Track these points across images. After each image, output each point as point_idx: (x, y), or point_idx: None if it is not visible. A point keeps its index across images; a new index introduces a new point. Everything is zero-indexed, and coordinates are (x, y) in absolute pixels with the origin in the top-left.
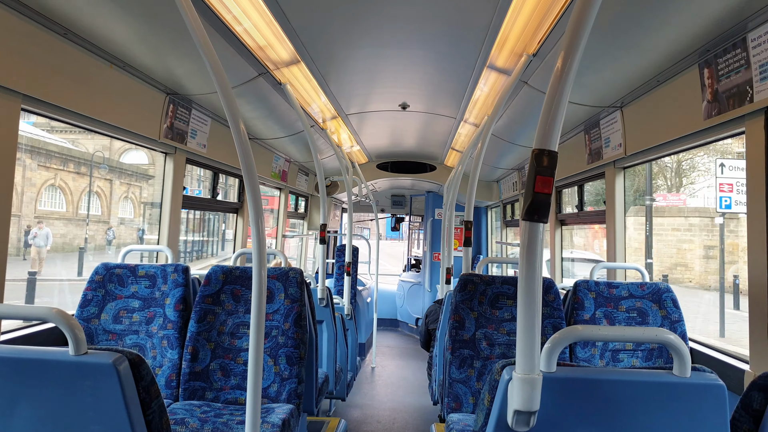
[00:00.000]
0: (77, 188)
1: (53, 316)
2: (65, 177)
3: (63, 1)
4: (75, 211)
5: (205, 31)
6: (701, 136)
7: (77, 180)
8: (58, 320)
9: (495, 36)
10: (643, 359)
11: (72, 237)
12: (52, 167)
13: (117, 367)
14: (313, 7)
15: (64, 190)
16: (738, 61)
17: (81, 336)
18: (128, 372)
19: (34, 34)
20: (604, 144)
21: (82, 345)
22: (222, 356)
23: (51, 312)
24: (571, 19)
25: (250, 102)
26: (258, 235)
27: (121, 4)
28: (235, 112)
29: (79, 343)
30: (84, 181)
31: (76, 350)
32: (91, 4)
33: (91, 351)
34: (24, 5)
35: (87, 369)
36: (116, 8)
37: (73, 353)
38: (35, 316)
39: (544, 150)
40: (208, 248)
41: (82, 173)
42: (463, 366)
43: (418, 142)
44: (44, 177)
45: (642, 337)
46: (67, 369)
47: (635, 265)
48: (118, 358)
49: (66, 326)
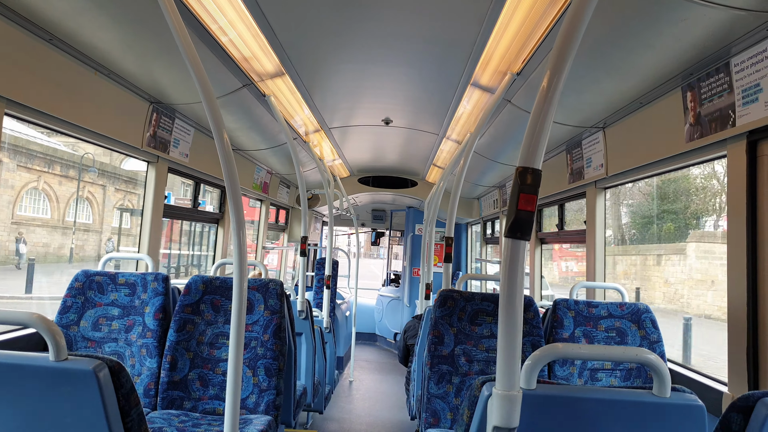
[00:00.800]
0: (64, 193)
1: (34, 322)
2: (50, 180)
3: (49, 7)
4: (61, 218)
5: (191, 41)
6: (683, 158)
7: (64, 184)
8: (38, 326)
9: (479, 54)
10: (621, 379)
11: (58, 246)
12: (35, 169)
13: (97, 373)
14: (299, 21)
15: (48, 195)
16: (721, 86)
17: (62, 342)
18: (108, 379)
19: (19, 39)
20: (585, 164)
21: (63, 351)
22: (201, 366)
23: (32, 317)
24: (558, 39)
25: (233, 113)
26: (239, 246)
27: (108, 11)
28: (219, 122)
29: (60, 349)
30: (72, 186)
31: (56, 356)
32: (77, 11)
33: (72, 357)
34: (10, 10)
35: (67, 375)
36: (102, 16)
37: (53, 359)
38: (16, 321)
39: (528, 168)
40: (208, 262)
41: (70, 177)
42: (441, 381)
43: (400, 158)
44: (25, 179)
45: (623, 357)
46: (46, 375)
47: (614, 285)
48: (98, 365)
49: (47, 332)
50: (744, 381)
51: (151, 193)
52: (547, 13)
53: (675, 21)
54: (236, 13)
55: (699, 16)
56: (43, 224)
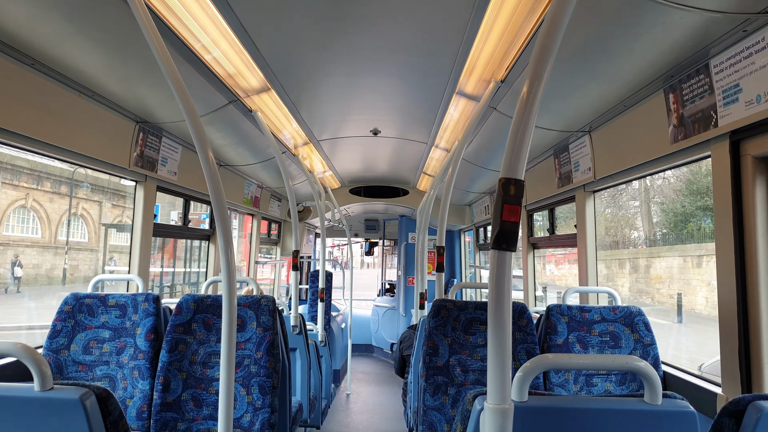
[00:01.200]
0: (55, 211)
1: (17, 351)
2: (39, 197)
3: (31, 33)
4: (53, 238)
5: (173, 61)
6: (669, 159)
7: (56, 201)
8: (22, 355)
9: (463, 63)
10: (617, 383)
11: (50, 267)
12: (22, 186)
13: (84, 402)
14: (282, 37)
15: (38, 213)
16: (702, 87)
17: (47, 371)
18: (95, 407)
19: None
20: (573, 168)
21: (48, 380)
22: (194, 386)
23: (15, 347)
24: (535, 47)
25: (220, 129)
26: (227, 264)
27: (90, 35)
28: (203, 140)
29: (45, 379)
30: (64, 203)
31: (41, 386)
32: (59, 36)
33: (57, 386)
34: None
35: (53, 405)
36: (84, 40)
37: (38, 389)
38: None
39: (511, 179)
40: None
41: (62, 193)
42: (437, 393)
43: (391, 167)
44: (11, 197)
45: (612, 365)
46: (32, 405)
47: (606, 289)
48: (85, 393)
49: (31, 361)
50: (737, 382)
51: (140, 213)
52: (527, 20)
53: (653, 24)
54: (219, 31)
55: (676, 20)
56: (33, 244)
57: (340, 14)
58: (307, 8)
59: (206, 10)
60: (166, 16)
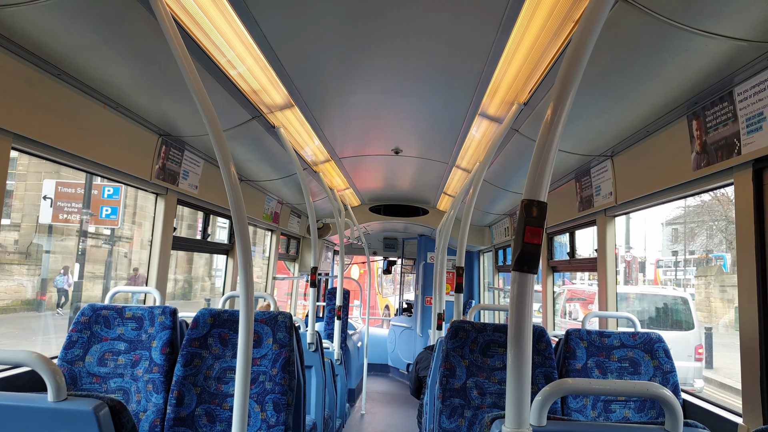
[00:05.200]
0: None
1: (33, 361)
2: None
3: (59, 44)
4: None
5: (199, 76)
6: (691, 186)
7: None
8: (38, 365)
9: (486, 85)
10: (635, 410)
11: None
12: None
13: (97, 414)
14: (307, 54)
15: None
16: (725, 114)
17: (61, 382)
18: (108, 419)
19: (27, 74)
20: (594, 192)
21: (62, 391)
22: (208, 401)
23: (31, 357)
24: (561, 71)
25: (243, 144)
26: (246, 279)
27: (116, 47)
28: (226, 155)
29: (59, 390)
30: None
31: (55, 396)
32: (87, 48)
33: (71, 397)
34: (18, 46)
35: (66, 416)
36: (111, 52)
37: (52, 399)
38: (15, 361)
39: (533, 201)
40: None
41: None
42: (453, 415)
43: (411, 187)
44: None
45: (633, 392)
46: (45, 416)
47: (626, 314)
48: (99, 405)
49: (46, 371)
50: (759, 412)
51: (160, 226)
52: (552, 43)
53: (678, 51)
54: (244, 46)
55: (701, 47)
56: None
57: (364, 33)
58: (332, 26)
59: (233, 25)
60: (192, 30)
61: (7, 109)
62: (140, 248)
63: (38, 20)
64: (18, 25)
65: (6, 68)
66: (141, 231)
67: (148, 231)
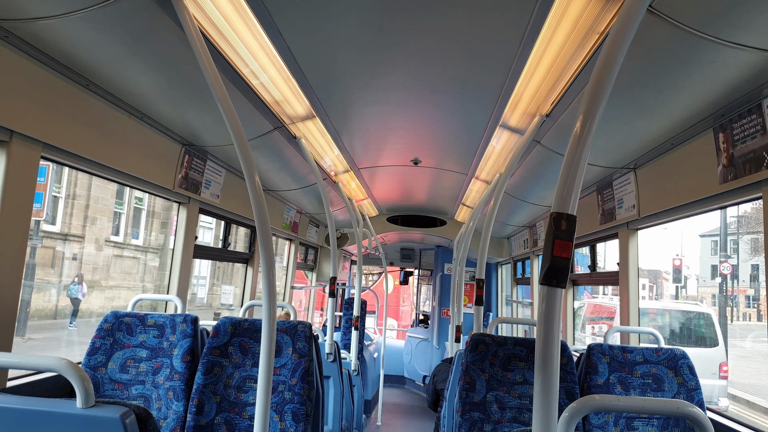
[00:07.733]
0: None
1: (63, 368)
2: None
3: (87, 55)
4: None
5: (224, 86)
6: (717, 200)
7: None
8: (68, 372)
9: (508, 97)
10: (658, 428)
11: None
12: None
13: (124, 421)
14: (329, 65)
15: None
16: (753, 127)
17: (90, 389)
18: (135, 427)
19: (56, 84)
20: (617, 205)
21: (91, 398)
22: (228, 410)
23: (61, 363)
24: (589, 84)
25: (265, 155)
26: (269, 288)
27: (144, 59)
28: (250, 165)
29: (88, 396)
30: None
31: (84, 403)
32: (115, 59)
33: (99, 404)
34: (48, 56)
35: (94, 422)
36: (139, 63)
37: (80, 406)
38: (45, 368)
39: (562, 214)
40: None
41: None
42: (473, 429)
43: (429, 197)
44: None
45: (663, 410)
46: (73, 421)
47: (650, 329)
48: (126, 412)
49: (76, 378)
50: None
51: (182, 234)
52: (576, 55)
53: (705, 63)
54: (268, 57)
55: (729, 58)
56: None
57: (386, 45)
58: (354, 38)
59: (257, 37)
60: (218, 42)
61: (37, 118)
62: (96, 250)
63: (70, 32)
64: (49, 37)
65: (37, 79)
66: (96, 229)
67: (104, 229)
